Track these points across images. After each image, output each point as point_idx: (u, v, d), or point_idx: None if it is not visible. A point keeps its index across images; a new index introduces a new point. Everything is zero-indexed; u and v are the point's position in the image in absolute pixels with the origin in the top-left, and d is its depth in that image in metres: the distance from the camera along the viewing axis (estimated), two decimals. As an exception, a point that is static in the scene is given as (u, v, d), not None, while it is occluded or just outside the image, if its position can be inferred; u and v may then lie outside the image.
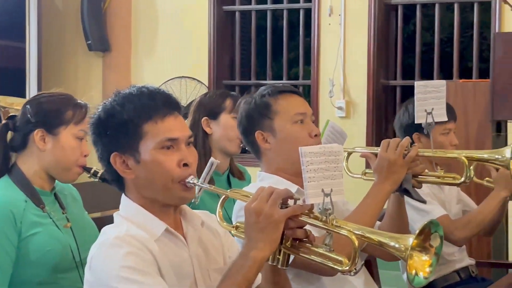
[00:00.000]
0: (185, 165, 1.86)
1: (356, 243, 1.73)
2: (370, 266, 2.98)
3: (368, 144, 6.25)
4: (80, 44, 7.24)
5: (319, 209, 1.82)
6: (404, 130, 3.30)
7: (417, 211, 3.10)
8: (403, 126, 3.34)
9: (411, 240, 1.70)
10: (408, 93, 6.31)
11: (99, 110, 1.92)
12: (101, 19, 7.19)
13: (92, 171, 2.52)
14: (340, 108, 6.43)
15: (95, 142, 1.93)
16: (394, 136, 6.33)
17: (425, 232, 1.72)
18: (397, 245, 1.72)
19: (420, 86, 2.66)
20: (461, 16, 6.53)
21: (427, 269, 1.72)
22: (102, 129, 1.90)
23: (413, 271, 1.70)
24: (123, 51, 7.25)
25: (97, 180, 2.53)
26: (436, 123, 2.71)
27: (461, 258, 3.36)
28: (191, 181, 1.86)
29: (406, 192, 2.45)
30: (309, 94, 6.70)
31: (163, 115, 1.87)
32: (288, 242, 1.79)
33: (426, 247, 1.73)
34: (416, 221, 3.07)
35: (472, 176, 2.48)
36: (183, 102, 6.58)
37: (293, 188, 2.37)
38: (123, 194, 1.94)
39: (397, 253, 1.71)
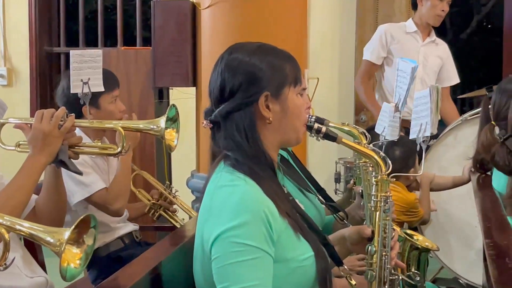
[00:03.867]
0: None
1: (7, 236, 1.62)
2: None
3: (33, 112, 6.05)
4: None
5: None
6: (71, 104, 3.13)
7: (77, 184, 3.05)
8: (69, 101, 3.14)
9: (66, 234, 1.66)
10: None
11: None
12: None
13: None
14: (1, 76, 6.14)
15: None
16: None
17: (83, 225, 1.69)
18: (52, 240, 1.67)
19: (75, 55, 2.59)
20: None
21: (78, 261, 1.70)
22: None
23: (66, 264, 1.67)
24: None
25: None
26: (94, 93, 2.67)
27: (124, 225, 3.38)
28: None
29: (63, 163, 2.40)
30: (-33, 61, 6.30)
31: None
32: None
33: (80, 242, 1.71)
34: (75, 193, 3.06)
35: (128, 147, 2.52)
36: None
37: None
38: None
39: (51, 248, 1.66)
